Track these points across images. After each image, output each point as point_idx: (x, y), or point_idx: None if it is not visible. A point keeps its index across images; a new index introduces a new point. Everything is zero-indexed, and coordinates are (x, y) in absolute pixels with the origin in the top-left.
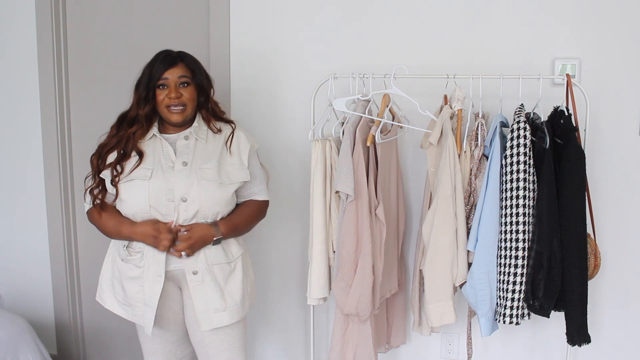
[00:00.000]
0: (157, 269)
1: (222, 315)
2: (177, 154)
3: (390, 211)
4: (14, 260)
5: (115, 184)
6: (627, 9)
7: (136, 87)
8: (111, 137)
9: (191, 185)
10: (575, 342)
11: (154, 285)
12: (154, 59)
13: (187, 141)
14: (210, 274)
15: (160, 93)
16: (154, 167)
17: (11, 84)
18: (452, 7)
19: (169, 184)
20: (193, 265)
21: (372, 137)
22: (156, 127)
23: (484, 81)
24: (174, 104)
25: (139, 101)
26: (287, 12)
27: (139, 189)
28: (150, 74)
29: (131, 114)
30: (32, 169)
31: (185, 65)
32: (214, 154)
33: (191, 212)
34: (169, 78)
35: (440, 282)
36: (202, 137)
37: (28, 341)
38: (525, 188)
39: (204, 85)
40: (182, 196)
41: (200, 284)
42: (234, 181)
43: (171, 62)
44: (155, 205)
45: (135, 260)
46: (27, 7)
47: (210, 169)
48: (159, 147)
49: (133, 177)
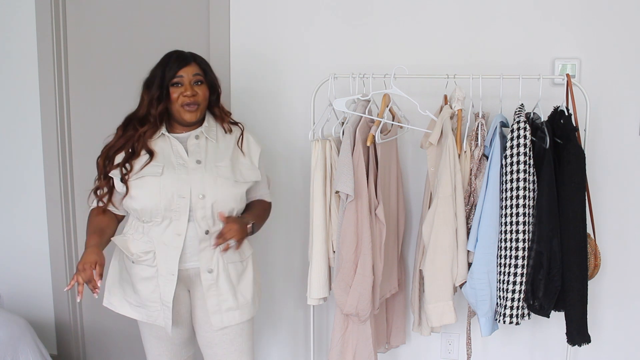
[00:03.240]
0: (170, 268)
1: (234, 314)
2: (189, 153)
3: (390, 211)
4: (14, 260)
5: (126, 182)
6: (627, 10)
7: (146, 87)
8: (118, 138)
9: (208, 182)
10: (575, 342)
11: (167, 285)
12: (166, 58)
13: (198, 140)
14: (225, 272)
15: (174, 91)
16: (164, 165)
17: (11, 84)
18: (452, 8)
19: (182, 181)
20: (208, 264)
21: (372, 137)
22: (164, 127)
23: (484, 81)
24: (189, 102)
25: (152, 101)
26: (287, 12)
27: (150, 185)
28: (163, 73)
29: (141, 114)
30: (32, 169)
31: (198, 64)
32: (227, 153)
33: (209, 208)
34: (184, 76)
35: (440, 282)
36: (212, 136)
37: (28, 341)
38: (525, 188)
39: (215, 84)
40: (200, 193)
41: (214, 282)
42: (247, 180)
43: (185, 60)
44: (166, 201)
45: (148, 260)
46: (27, 7)
47: (225, 167)
48: (168, 145)
49: (144, 174)
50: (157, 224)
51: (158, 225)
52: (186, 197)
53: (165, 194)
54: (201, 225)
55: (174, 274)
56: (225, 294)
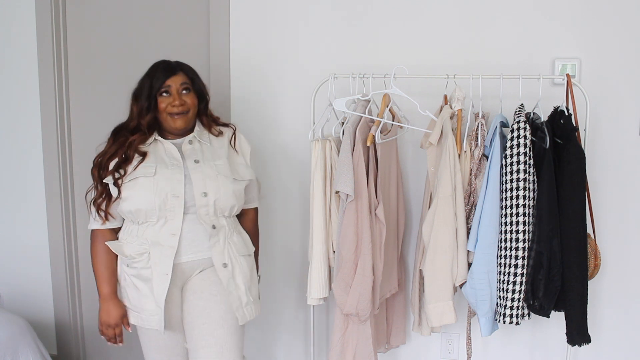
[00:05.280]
0: (165, 267)
1: (252, 308)
2: (185, 156)
3: (390, 211)
4: (14, 260)
5: (119, 186)
6: (627, 9)
7: (135, 98)
8: (110, 145)
9: (209, 179)
10: (575, 342)
11: (161, 284)
12: (153, 69)
13: (192, 145)
14: (239, 265)
15: (162, 101)
16: (157, 164)
17: (11, 84)
18: (452, 7)
19: (175, 180)
20: (221, 258)
21: (372, 137)
22: (156, 134)
23: (484, 81)
24: (178, 112)
25: (141, 111)
26: (287, 12)
27: (143, 185)
28: (151, 83)
29: (132, 125)
30: (32, 169)
31: (185, 73)
32: (222, 153)
33: (212, 206)
34: (171, 85)
35: (440, 282)
36: (205, 140)
37: (28, 341)
38: (525, 188)
39: (203, 92)
40: (202, 191)
41: (231, 277)
42: (244, 178)
43: (172, 70)
44: (160, 201)
45: (143, 261)
46: (27, 7)
47: (223, 165)
48: (161, 148)
49: (137, 174)
50: (152, 224)
51: (153, 226)
52: (180, 197)
53: (159, 194)
54: (206, 221)
55: (167, 273)
56: (242, 287)
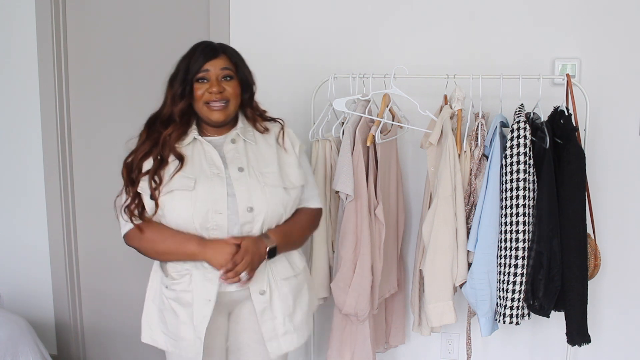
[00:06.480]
0: (208, 293)
1: (292, 337)
2: (227, 160)
3: (390, 211)
4: (14, 260)
5: (156, 199)
6: (627, 10)
7: (170, 82)
8: (142, 142)
9: (256, 192)
10: (575, 342)
11: (202, 311)
12: (192, 50)
13: (236, 145)
14: (278, 290)
15: (199, 87)
16: (196, 177)
17: (11, 84)
18: (452, 8)
19: (217, 194)
20: (259, 285)
21: (372, 137)
22: (195, 130)
23: (484, 81)
24: (215, 99)
25: (174, 97)
26: (287, 12)
27: (180, 201)
28: (187, 67)
29: (165, 113)
30: (32, 169)
31: (228, 57)
32: (271, 156)
33: (258, 222)
34: (210, 70)
35: (440, 282)
36: (250, 138)
37: (28, 341)
38: (525, 188)
39: (249, 80)
40: (247, 206)
41: (268, 305)
42: (296, 185)
43: (213, 53)
44: (200, 219)
45: (183, 284)
46: (27, 7)
47: (272, 173)
48: (200, 151)
49: (172, 187)
50: None
51: None
52: (223, 213)
53: (199, 210)
54: None
55: (210, 299)
56: (280, 316)
